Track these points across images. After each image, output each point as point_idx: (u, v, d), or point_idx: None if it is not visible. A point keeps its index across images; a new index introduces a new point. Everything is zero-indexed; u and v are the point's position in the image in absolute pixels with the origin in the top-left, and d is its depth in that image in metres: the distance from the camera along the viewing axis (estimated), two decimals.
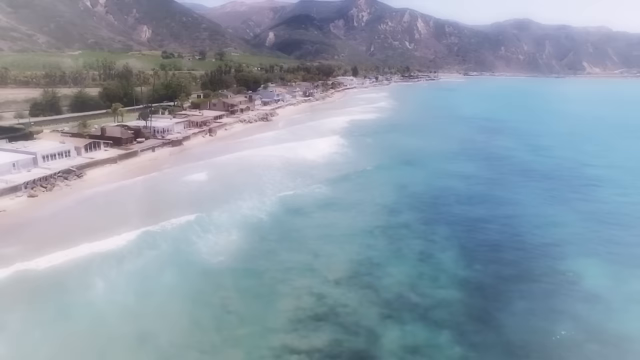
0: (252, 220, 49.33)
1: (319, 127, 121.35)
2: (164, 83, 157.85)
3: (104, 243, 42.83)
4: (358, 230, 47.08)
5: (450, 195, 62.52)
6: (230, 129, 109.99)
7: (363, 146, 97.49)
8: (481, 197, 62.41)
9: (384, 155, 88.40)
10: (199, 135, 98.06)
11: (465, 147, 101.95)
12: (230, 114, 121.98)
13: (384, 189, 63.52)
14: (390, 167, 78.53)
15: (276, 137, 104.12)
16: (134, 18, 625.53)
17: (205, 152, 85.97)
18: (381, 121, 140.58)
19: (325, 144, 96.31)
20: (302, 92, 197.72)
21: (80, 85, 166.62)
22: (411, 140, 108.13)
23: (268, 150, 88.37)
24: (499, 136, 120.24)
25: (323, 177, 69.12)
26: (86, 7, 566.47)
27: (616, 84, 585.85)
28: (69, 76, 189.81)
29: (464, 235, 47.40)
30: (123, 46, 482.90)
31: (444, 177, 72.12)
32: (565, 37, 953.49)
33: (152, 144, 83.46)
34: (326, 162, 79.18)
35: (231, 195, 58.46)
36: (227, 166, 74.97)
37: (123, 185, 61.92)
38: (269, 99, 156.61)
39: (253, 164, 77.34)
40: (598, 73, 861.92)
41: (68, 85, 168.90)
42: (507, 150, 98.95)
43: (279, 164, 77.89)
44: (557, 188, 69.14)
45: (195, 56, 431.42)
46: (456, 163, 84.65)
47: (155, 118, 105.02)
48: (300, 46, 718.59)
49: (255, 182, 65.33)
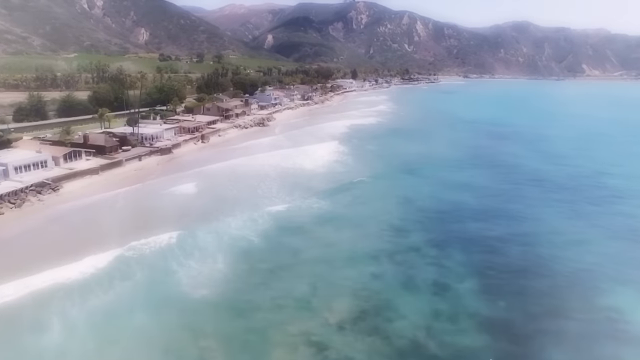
0: (242, 243, 43.67)
1: (317, 132, 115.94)
2: (158, 86, 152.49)
3: (71, 271, 37.38)
4: (362, 255, 41.42)
5: (462, 210, 56.91)
6: (224, 135, 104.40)
7: (364, 153, 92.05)
8: (495, 212, 56.80)
9: (387, 164, 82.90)
10: (191, 142, 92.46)
11: (471, 154, 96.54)
12: (225, 119, 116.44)
13: (388, 203, 57.93)
14: (393, 177, 73.01)
15: (272, 144, 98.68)
16: (132, 20, 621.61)
17: (196, 160, 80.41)
18: (382, 126, 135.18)
19: (324, 151, 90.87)
20: (301, 96, 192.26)
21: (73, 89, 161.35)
22: (414, 147, 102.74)
23: (263, 158, 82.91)
24: (505, 142, 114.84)
25: (322, 189, 63.58)
26: (83, 9, 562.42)
27: (617, 86, 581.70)
28: (60, 79, 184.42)
29: (482, 260, 41.79)
30: (120, 49, 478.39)
31: (452, 189, 66.54)
32: (564, 40, 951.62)
33: (138, 153, 77.84)
34: (325, 172, 73.59)
35: (220, 210, 52.99)
36: (218, 176, 69.43)
37: (102, 200, 56.27)
38: (266, 103, 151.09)
39: (246, 173, 71.85)
40: (597, 75, 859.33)
41: (60, 89, 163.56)
42: (517, 157, 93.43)
43: (275, 173, 72.42)
44: (576, 200, 63.61)
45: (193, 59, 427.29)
46: (464, 172, 79.13)
47: (145, 124, 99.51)
48: (299, 49, 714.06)
49: (248, 195, 59.82)
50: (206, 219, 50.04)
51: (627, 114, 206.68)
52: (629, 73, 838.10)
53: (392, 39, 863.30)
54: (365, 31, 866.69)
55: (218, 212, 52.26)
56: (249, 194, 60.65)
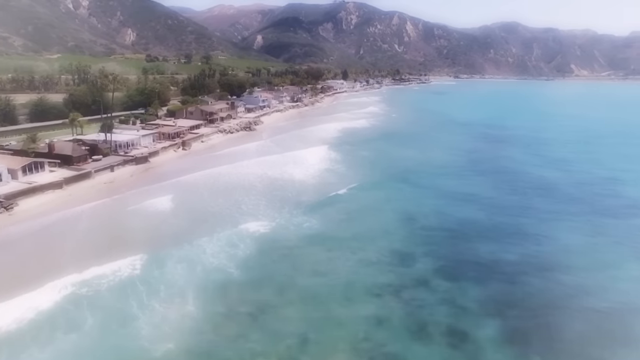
0: (218, 275, 37.00)
1: (307, 136, 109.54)
2: (139, 88, 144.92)
3: (2, 318, 30.37)
4: (361, 291, 34.89)
5: (469, 227, 50.75)
6: (208, 141, 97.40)
7: (357, 160, 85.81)
8: (506, 229, 50.73)
9: (383, 172, 76.72)
10: (170, 150, 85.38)
11: (470, 159, 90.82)
12: (209, 123, 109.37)
13: (387, 220, 51.60)
14: (391, 188, 66.73)
15: (259, 150, 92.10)
16: (118, 21, 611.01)
17: (175, 170, 73.39)
18: (375, 129, 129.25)
19: (314, 157, 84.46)
20: (290, 97, 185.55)
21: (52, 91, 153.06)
22: (410, 152, 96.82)
23: (248, 167, 76.29)
24: (504, 145, 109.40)
25: (312, 203, 57.15)
26: (68, 9, 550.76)
27: (605, 86, 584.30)
28: (38, 81, 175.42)
29: (500, 294, 35.62)
30: (105, 49, 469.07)
31: (455, 201, 60.47)
32: (552, 40, 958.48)
33: (110, 162, 70.64)
34: (316, 183, 67.15)
35: (195, 230, 46.35)
36: (197, 188, 62.67)
37: (61, 219, 49.18)
38: (254, 105, 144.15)
39: (229, 184, 65.19)
40: (586, 75, 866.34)
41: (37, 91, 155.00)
42: (519, 163, 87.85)
43: (260, 185, 65.81)
44: (592, 212, 57.91)
45: (181, 60, 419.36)
46: (465, 180, 73.19)
47: (122, 129, 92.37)
48: (289, 49, 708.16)
49: (229, 211, 53.18)
50: (178, 242, 43.34)
51: (620, 114, 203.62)
52: (616, 73, 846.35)
53: (382, 40, 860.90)
54: (355, 31, 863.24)
55: (193, 233, 45.60)
56: (230, 209, 54.00)
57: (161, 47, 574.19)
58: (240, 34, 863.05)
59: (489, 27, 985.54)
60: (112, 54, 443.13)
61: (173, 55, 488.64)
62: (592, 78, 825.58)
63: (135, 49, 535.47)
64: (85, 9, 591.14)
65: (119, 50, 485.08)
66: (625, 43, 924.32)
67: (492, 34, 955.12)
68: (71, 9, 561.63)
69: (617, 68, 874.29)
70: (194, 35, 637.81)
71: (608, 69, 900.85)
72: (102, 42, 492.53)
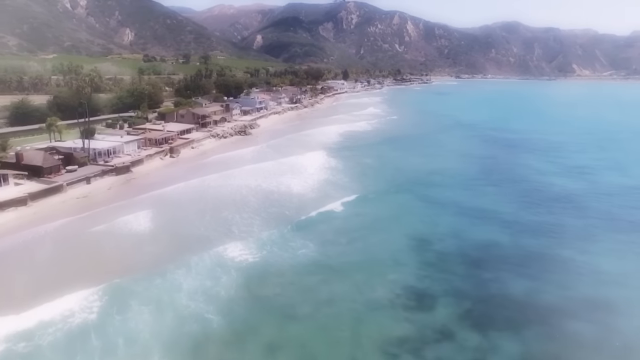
0: (192, 325, 29.84)
1: (306, 141, 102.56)
2: (130, 89, 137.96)
3: None
4: (370, 350, 27.47)
5: (493, 255, 43.47)
6: (199, 147, 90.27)
7: (360, 169, 78.74)
8: (537, 256, 43.24)
9: (389, 184, 69.53)
10: (156, 157, 78.22)
11: (484, 168, 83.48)
12: (201, 127, 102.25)
13: (396, 246, 44.38)
14: (398, 204, 59.49)
15: (254, 156, 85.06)
16: (117, 21, 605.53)
17: (159, 180, 66.36)
18: (378, 132, 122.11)
19: (313, 166, 77.41)
20: (289, 99, 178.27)
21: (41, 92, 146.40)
22: (417, 158, 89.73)
23: (241, 176, 69.30)
24: (517, 151, 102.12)
25: (310, 222, 50.10)
26: (65, 8, 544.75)
27: (608, 86, 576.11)
28: (27, 82, 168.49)
29: (546, 353, 28.39)
30: (103, 49, 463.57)
31: (474, 220, 53.18)
32: (553, 40, 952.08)
33: (87, 173, 63.51)
34: (314, 197, 60.02)
35: (172, 258, 39.47)
36: (181, 203, 55.68)
37: (15, 244, 42.11)
38: (250, 107, 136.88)
39: (217, 198, 58.17)
40: (588, 75, 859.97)
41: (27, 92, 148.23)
42: (537, 171, 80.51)
43: (253, 198, 58.77)
44: (635, 231, 50.56)
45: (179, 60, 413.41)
46: (481, 194, 65.94)
47: (106, 135, 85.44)
48: (289, 49, 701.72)
49: (214, 232, 46.12)
50: (150, 274, 36.33)
51: (630, 115, 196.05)
52: (618, 73, 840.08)
53: (382, 39, 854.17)
54: (355, 31, 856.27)
55: (169, 262, 38.61)
56: (216, 230, 46.91)
57: (160, 47, 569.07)
58: (240, 34, 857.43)
59: (490, 27, 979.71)
60: (109, 54, 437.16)
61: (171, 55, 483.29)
62: (594, 78, 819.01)
63: (133, 49, 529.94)
64: (83, 8, 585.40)
65: (117, 50, 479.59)
66: (627, 43, 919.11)
67: (493, 33, 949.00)
68: (69, 8, 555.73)
69: (619, 68, 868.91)
70: (193, 35, 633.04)
71: (610, 68, 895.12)
72: (99, 42, 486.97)
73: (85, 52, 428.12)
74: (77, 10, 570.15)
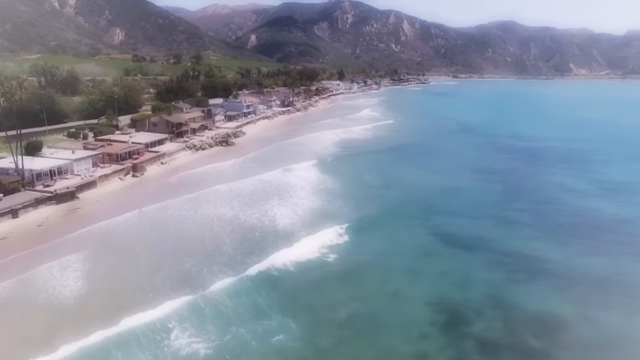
0: None
1: (297, 151, 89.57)
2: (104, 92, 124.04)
3: None
4: None
5: (561, 339, 30.54)
6: (170, 162, 76.73)
7: (360, 190, 65.85)
8: (615, 334, 30.52)
9: (394, 212, 56.68)
10: (115, 177, 64.73)
11: (508, 188, 69.91)
12: (176, 137, 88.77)
13: (414, 324, 31.29)
14: (412, 250, 46.21)
15: (234, 173, 72.08)
16: (107, 20, 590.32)
17: (109, 209, 53.19)
18: (379, 140, 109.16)
19: (304, 187, 64.53)
20: (280, 101, 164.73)
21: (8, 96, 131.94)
22: (427, 176, 76.36)
23: (214, 202, 56.45)
24: (540, 163, 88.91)
25: (297, 274, 37.16)
26: (53, 7, 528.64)
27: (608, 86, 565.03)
28: None
29: None
30: (91, 49, 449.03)
31: (512, 274, 39.96)
32: (549, 39, 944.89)
33: (15, 203, 50.03)
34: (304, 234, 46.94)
35: (94, 331, 25.97)
36: (128, 245, 42.52)
37: None
38: (236, 112, 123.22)
39: (179, 238, 45.11)
40: (585, 75, 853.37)
41: None
42: (572, 192, 67.38)
43: (227, 238, 45.76)
44: None
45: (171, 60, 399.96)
46: (514, 228, 52.63)
47: (59, 148, 71.66)
48: (283, 49, 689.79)
49: (164, 299, 32.88)
50: None
51: None
52: (615, 72, 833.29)
53: (378, 39, 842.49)
54: (351, 31, 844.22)
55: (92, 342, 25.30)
56: (168, 295, 33.69)
57: (151, 47, 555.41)
58: (234, 34, 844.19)
59: (486, 26, 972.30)
60: (97, 54, 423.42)
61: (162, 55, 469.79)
62: (591, 77, 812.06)
63: (123, 49, 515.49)
64: (72, 7, 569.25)
65: (106, 50, 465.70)
66: (623, 42, 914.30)
67: (489, 33, 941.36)
68: (57, 7, 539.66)
69: (616, 67, 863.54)
70: (185, 34, 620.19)
71: (606, 68, 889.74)
72: (87, 42, 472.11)
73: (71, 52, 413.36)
74: (65, 9, 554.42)
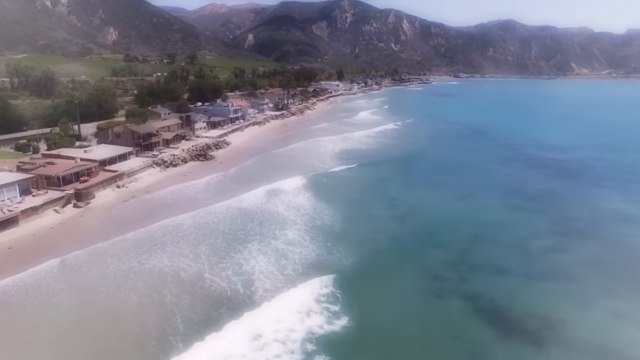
0: None
1: (289, 166, 75.01)
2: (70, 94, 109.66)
3: None
4: None
5: None
6: (129, 184, 61.60)
7: (366, 228, 50.77)
8: None
9: (411, 270, 41.76)
10: (49, 209, 49.81)
11: (558, 224, 52.44)
12: (144, 150, 73.78)
13: None
14: (437, 312, 32.05)
15: (207, 197, 57.43)
16: (100, 19, 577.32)
17: (34, 253, 38.29)
18: (385, 151, 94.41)
19: (295, 222, 50.06)
20: (274, 104, 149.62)
21: None
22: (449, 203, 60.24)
23: (172, 247, 41.84)
24: (582, 183, 72.61)
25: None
26: (45, 6, 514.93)
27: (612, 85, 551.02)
28: None
29: None
30: (81, 49, 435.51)
31: None
32: (550, 38, 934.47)
33: None
34: (294, 319, 32.14)
35: None
36: (42, 320, 27.72)
37: None
38: (222, 118, 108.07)
39: (106, 310, 30.46)
40: (587, 74, 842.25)
41: None
42: (634, 225, 52.68)
43: (181, 316, 31.00)
44: None
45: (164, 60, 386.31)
46: (582, 286, 38.21)
47: None
48: (281, 48, 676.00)
49: None
50: None
51: None
52: (617, 71, 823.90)
53: (378, 38, 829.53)
54: (350, 30, 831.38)
55: None
56: None
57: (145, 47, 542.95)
58: (232, 33, 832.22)
59: (486, 25, 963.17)
60: (88, 54, 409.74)
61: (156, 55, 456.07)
62: (593, 77, 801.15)
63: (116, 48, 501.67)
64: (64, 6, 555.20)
65: (97, 50, 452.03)
66: (624, 41, 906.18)
67: (489, 32, 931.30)
68: (49, 6, 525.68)
69: (618, 66, 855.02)
70: (181, 34, 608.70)
71: (608, 67, 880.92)
72: (78, 42, 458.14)
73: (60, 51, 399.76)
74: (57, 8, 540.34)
